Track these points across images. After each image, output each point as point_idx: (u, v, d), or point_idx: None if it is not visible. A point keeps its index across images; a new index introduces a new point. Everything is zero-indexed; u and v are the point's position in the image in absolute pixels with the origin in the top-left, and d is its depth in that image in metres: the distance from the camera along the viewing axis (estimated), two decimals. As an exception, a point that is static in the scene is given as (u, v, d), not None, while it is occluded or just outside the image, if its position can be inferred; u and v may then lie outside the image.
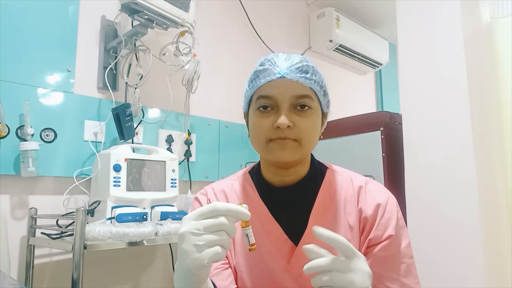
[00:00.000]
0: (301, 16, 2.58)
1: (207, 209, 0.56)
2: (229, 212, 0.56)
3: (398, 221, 0.75)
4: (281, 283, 0.73)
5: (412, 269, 0.73)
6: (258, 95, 0.74)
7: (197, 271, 0.54)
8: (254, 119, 0.75)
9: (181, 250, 0.55)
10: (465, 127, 1.36)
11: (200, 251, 0.53)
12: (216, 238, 0.54)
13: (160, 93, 1.68)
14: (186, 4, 1.48)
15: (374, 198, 0.77)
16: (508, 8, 1.31)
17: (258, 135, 0.74)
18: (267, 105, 0.73)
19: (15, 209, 1.31)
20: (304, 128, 0.72)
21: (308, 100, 0.73)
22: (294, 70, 0.73)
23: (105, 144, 1.50)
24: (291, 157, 0.72)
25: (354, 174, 0.83)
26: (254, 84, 0.75)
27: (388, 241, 0.72)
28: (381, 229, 0.73)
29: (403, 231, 0.75)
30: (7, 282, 0.96)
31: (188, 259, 0.54)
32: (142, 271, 1.61)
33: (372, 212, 0.75)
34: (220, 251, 0.54)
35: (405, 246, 0.74)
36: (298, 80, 0.72)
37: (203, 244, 0.53)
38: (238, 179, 0.86)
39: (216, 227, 0.55)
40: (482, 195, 1.31)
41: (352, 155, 1.77)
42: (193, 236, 0.54)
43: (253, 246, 0.60)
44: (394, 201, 0.78)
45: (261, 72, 0.74)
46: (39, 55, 1.38)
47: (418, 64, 1.53)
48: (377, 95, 3.23)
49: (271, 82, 0.73)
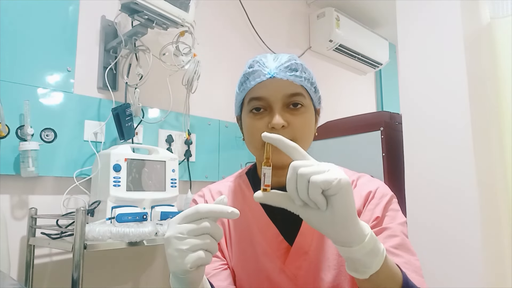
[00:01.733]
0: (301, 16, 2.58)
1: (190, 212, 0.54)
2: (212, 213, 0.54)
3: (387, 204, 0.73)
4: (277, 283, 0.73)
5: (407, 244, 0.69)
6: (249, 97, 0.74)
7: (183, 276, 0.54)
8: (248, 122, 0.75)
9: (167, 254, 0.54)
10: (465, 127, 1.36)
11: (182, 256, 0.52)
12: (199, 242, 0.52)
13: (160, 93, 1.68)
14: (186, 4, 1.48)
15: (364, 190, 0.76)
16: (508, 8, 1.31)
17: (253, 137, 0.74)
18: (259, 107, 0.73)
19: (15, 209, 1.31)
20: (299, 126, 0.72)
21: (300, 98, 0.73)
22: (284, 69, 0.73)
23: (105, 144, 1.50)
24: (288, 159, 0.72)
25: (348, 171, 0.83)
26: (245, 87, 0.75)
27: (375, 222, 0.70)
28: (368, 214, 0.72)
29: (395, 214, 0.73)
30: (7, 282, 0.96)
31: (173, 264, 0.53)
32: (142, 271, 1.61)
33: (362, 202, 0.74)
34: (203, 256, 0.52)
35: (398, 224, 0.71)
36: (288, 79, 0.72)
37: (186, 248, 0.52)
38: (235, 180, 0.86)
39: (199, 231, 0.53)
40: (482, 195, 1.31)
41: (352, 155, 1.77)
42: (176, 240, 0.52)
43: (267, 187, 0.56)
44: (385, 188, 0.76)
45: (250, 74, 0.74)
46: (39, 55, 1.38)
47: (418, 64, 1.53)
48: (377, 95, 3.23)
49: (261, 83, 0.73)
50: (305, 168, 0.50)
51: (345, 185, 0.49)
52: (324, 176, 0.49)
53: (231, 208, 0.54)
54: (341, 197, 0.50)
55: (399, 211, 0.74)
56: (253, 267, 0.75)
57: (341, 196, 0.50)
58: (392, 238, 0.69)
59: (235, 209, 0.54)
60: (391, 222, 0.71)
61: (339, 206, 0.50)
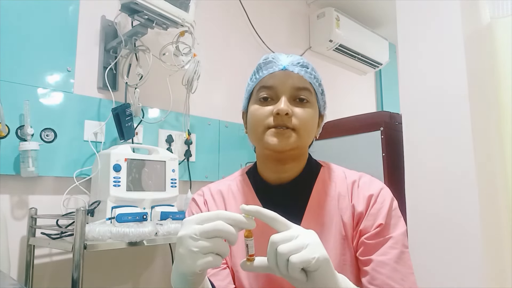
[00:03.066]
0: (301, 16, 2.58)
1: (210, 216, 0.54)
2: (231, 221, 0.54)
3: (390, 210, 0.74)
4: (277, 283, 0.73)
5: (406, 258, 0.70)
6: (259, 86, 0.77)
7: (191, 277, 0.54)
8: (254, 108, 0.77)
9: (177, 253, 0.55)
10: (465, 127, 1.36)
11: (194, 257, 0.52)
12: (211, 245, 0.52)
13: (160, 93, 1.68)
14: (186, 4, 1.48)
15: (366, 191, 0.76)
16: (508, 8, 1.31)
17: (257, 123, 0.75)
18: (267, 96, 0.76)
19: (15, 209, 1.31)
20: (302, 117, 0.74)
21: (307, 93, 0.76)
22: (296, 64, 0.77)
23: (105, 144, 1.50)
24: (287, 145, 0.73)
25: (348, 170, 0.83)
26: (257, 76, 0.78)
27: (378, 229, 0.71)
28: (370, 219, 0.73)
29: (397, 221, 0.74)
30: (7, 282, 0.96)
31: (182, 265, 0.54)
32: (142, 271, 1.61)
33: (364, 205, 0.74)
34: (212, 260, 0.52)
35: (399, 234, 0.72)
36: (299, 73, 0.76)
37: (197, 250, 0.52)
38: (235, 179, 0.86)
39: (212, 233, 0.53)
40: (482, 195, 1.30)
41: (352, 155, 1.77)
42: (190, 240, 0.53)
43: (251, 258, 0.57)
44: (387, 192, 0.77)
45: (264, 65, 0.78)
46: (39, 55, 1.38)
47: (418, 64, 1.53)
48: (377, 95, 3.23)
49: (273, 74, 0.76)
50: (283, 246, 0.53)
51: (323, 262, 0.53)
52: (302, 256, 0.51)
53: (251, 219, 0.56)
54: (320, 273, 0.53)
55: (400, 218, 0.75)
56: None
57: (320, 273, 0.53)
58: (393, 250, 0.70)
59: (253, 221, 0.56)
60: (393, 231, 0.72)
61: (318, 281, 0.53)
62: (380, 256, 0.69)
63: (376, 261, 0.69)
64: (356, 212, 0.75)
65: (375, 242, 0.71)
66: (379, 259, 0.69)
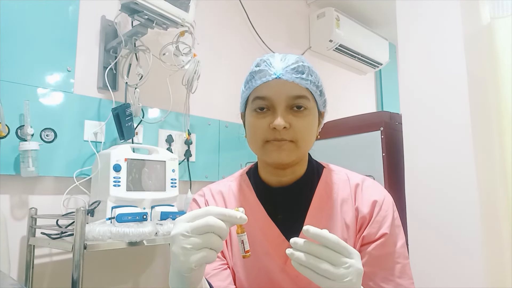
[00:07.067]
0: (301, 16, 2.58)
1: (200, 213, 0.55)
2: (222, 217, 0.54)
3: (393, 220, 0.75)
4: (278, 283, 0.73)
5: (407, 270, 0.72)
6: (254, 96, 0.74)
7: (187, 274, 0.54)
8: (251, 120, 0.75)
9: (171, 252, 0.55)
10: (465, 127, 1.36)
11: (187, 254, 0.52)
12: (203, 241, 0.53)
13: (160, 93, 1.68)
14: (186, 4, 1.48)
15: (371, 196, 0.77)
16: (508, 8, 1.31)
17: (255, 136, 0.74)
18: (263, 106, 0.73)
19: (15, 209, 1.31)
20: (301, 129, 0.72)
21: (304, 100, 0.73)
22: (290, 71, 0.72)
23: (105, 144, 1.50)
24: (288, 159, 0.72)
25: (351, 172, 0.83)
26: (250, 85, 0.75)
27: (383, 239, 0.72)
28: (375, 227, 0.73)
29: (399, 231, 0.75)
30: (7, 282, 0.96)
31: (177, 262, 0.54)
32: (142, 271, 1.61)
33: (368, 210, 0.75)
34: (206, 255, 0.53)
35: (400, 246, 0.73)
36: (293, 81, 0.72)
37: (190, 247, 0.52)
38: (236, 180, 0.86)
39: (203, 229, 0.53)
40: (482, 195, 1.30)
41: (352, 155, 1.77)
42: (182, 238, 0.53)
43: (247, 253, 0.58)
44: (391, 200, 0.78)
45: (256, 73, 0.74)
46: (39, 55, 1.38)
47: (418, 64, 1.53)
48: (377, 95, 3.23)
49: (267, 83, 0.73)
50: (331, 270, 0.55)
51: None
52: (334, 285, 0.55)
53: (240, 213, 0.55)
54: None
55: (401, 228, 0.77)
56: (255, 267, 0.75)
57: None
58: (396, 264, 0.71)
59: (244, 215, 0.56)
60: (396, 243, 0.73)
61: None
62: (384, 271, 0.71)
63: (380, 277, 0.70)
64: (360, 215, 0.75)
65: (380, 254, 0.72)
66: (383, 275, 0.70)
